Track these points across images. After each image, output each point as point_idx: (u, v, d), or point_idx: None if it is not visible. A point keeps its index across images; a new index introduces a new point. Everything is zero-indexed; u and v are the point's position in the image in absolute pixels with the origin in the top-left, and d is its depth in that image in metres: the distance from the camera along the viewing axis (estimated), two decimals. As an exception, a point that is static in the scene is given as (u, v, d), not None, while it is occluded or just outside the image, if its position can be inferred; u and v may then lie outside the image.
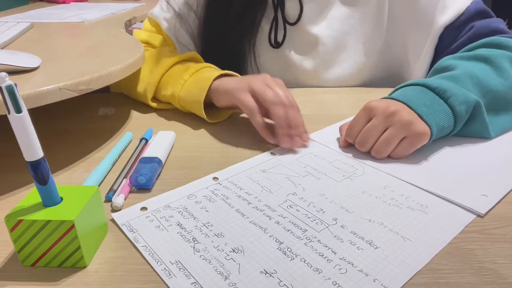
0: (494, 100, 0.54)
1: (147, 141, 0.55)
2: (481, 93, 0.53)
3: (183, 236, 0.37)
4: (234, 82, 0.57)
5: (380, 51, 0.75)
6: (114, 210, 0.41)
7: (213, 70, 0.63)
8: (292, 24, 0.74)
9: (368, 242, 0.36)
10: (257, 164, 0.49)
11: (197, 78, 0.62)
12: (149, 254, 0.35)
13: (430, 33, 0.69)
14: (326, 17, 0.74)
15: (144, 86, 0.67)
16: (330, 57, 0.75)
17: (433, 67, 0.61)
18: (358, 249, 0.35)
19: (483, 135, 0.54)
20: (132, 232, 0.38)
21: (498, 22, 0.67)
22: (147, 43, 0.77)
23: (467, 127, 0.53)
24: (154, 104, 0.67)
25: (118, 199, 0.42)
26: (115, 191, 0.44)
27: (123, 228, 0.38)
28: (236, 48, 0.77)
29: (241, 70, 0.79)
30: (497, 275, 0.33)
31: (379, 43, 0.75)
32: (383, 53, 0.76)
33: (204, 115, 0.59)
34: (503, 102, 0.55)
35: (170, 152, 0.53)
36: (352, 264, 0.33)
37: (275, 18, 0.75)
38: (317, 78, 0.77)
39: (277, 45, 0.76)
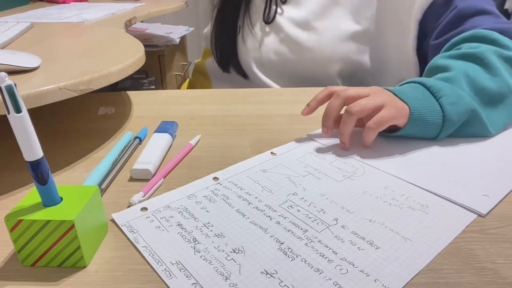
0: (488, 96, 0.54)
1: (140, 140, 0.55)
2: (474, 91, 0.54)
3: (184, 237, 0.37)
4: None
5: (370, 19, 0.80)
6: (129, 205, 0.42)
7: None
8: (284, 2, 0.84)
9: (369, 243, 0.36)
10: (257, 164, 0.49)
11: None
12: (149, 254, 0.35)
13: (413, 5, 0.73)
14: None
15: None
16: (319, 25, 0.81)
17: (426, 67, 0.62)
18: (359, 250, 0.35)
19: (483, 134, 0.54)
20: (132, 232, 0.38)
21: (481, 2, 0.67)
22: None
23: (466, 130, 0.53)
24: None
25: (135, 197, 0.42)
26: (103, 190, 0.44)
27: (123, 228, 0.38)
28: (235, 24, 0.90)
29: (237, 44, 0.90)
30: (497, 275, 0.33)
31: (370, 12, 0.79)
32: (373, 22, 0.80)
33: None
34: (498, 97, 0.55)
35: (166, 155, 0.52)
36: (353, 265, 0.33)
37: None
38: (309, 48, 0.83)
39: (267, 20, 0.86)
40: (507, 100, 0.55)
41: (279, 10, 0.85)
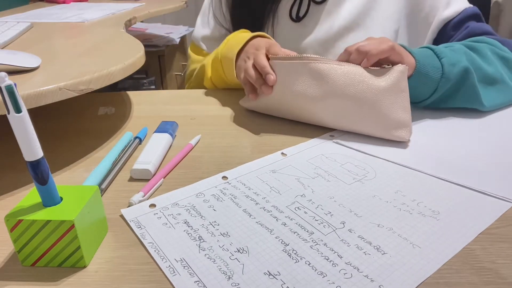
0: (483, 76, 0.60)
1: (140, 140, 0.55)
2: (472, 68, 0.59)
3: (189, 234, 0.37)
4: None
5: (397, 30, 0.77)
6: (129, 205, 0.41)
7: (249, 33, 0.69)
8: (318, 3, 0.76)
9: (375, 247, 0.35)
10: (267, 164, 0.49)
11: (238, 37, 0.68)
12: (155, 251, 0.35)
13: (432, 24, 0.75)
14: None
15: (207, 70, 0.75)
16: (347, 34, 0.75)
17: None
18: (365, 254, 0.34)
19: (476, 104, 0.60)
20: (140, 228, 0.37)
21: (489, 27, 0.75)
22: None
23: (457, 91, 0.59)
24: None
25: (135, 197, 0.42)
26: (103, 190, 0.44)
27: (131, 224, 0.38)
28: (257, 14, 0.79)
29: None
30: (497, 275, 0.32)
31: (397, 23, 0.76)
32: (397, 34, 0.77)
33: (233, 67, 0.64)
34: (491, 79, 0.61)
35: (165, 156, 0.52)
36: (358, 269, 0.33)
37: None
38: (332, 56, 0.77)
39: (297, 19, 0.77)
40: (500, 85, 0.60)
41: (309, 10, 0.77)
